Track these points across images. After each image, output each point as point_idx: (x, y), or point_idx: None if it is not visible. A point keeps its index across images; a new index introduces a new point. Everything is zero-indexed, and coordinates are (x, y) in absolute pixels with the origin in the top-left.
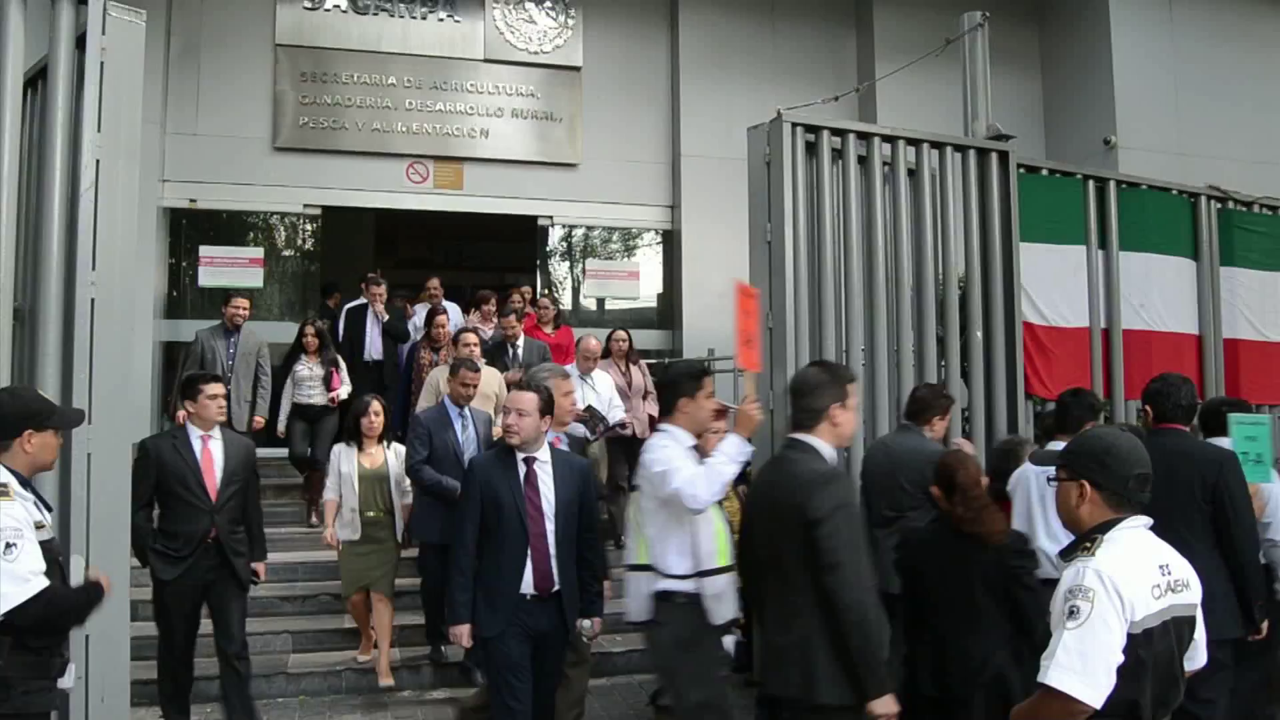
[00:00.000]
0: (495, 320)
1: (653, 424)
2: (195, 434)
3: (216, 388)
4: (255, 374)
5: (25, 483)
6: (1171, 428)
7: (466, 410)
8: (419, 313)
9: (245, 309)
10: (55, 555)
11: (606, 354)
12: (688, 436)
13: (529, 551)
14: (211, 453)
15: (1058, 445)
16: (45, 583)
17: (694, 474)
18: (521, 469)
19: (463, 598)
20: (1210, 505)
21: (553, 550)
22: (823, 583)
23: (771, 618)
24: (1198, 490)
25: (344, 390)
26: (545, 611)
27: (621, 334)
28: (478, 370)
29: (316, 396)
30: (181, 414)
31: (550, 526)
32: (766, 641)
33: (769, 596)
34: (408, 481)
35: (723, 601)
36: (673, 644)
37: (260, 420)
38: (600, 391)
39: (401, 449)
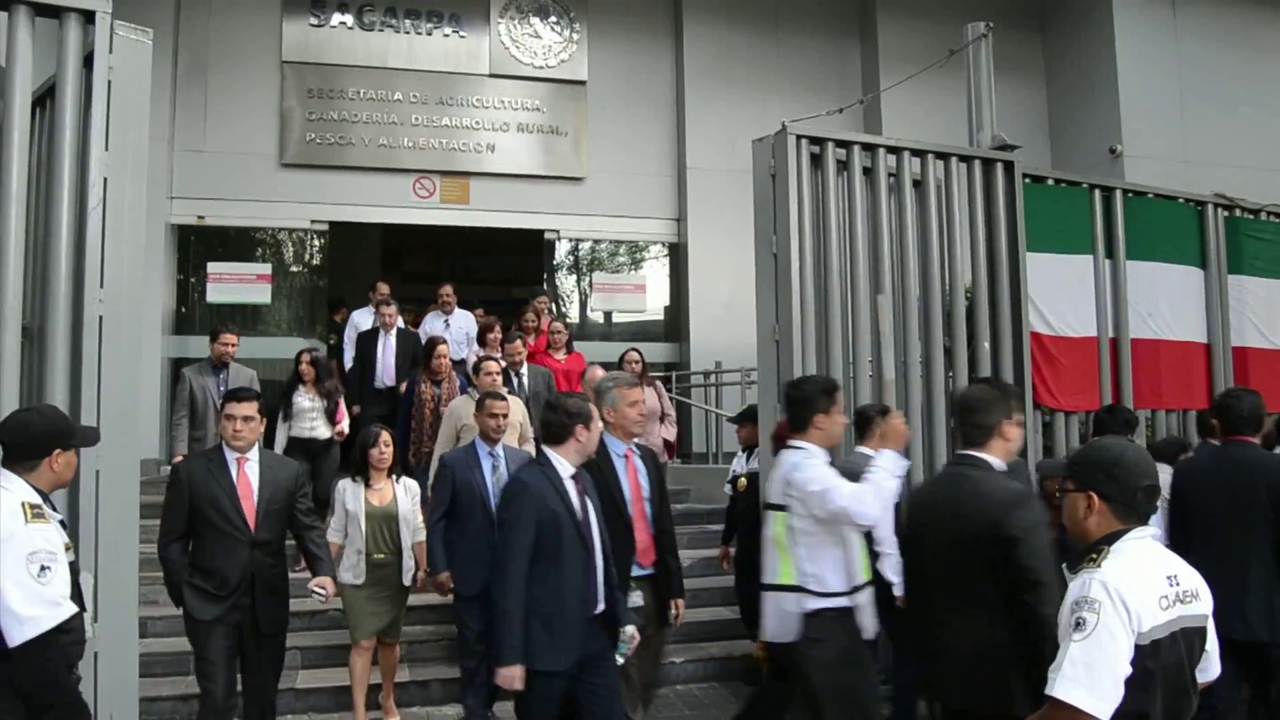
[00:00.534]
0: (503, 350)
1: (670, 450)
2: (231, 456)
3: (246, 407)
4: None
5: (48, 502)
6: (1240, 439)
7: (499, 449)
8: (429, 321)
9: (234, 344)
10: (76, 577)
11: None
12: (824, 453)
13: (591, 570)
14: (248, 476)
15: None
16: (73, 609)
17: (858, 491)
18: (570, 486)
19: (516, 632)
20: (1275, 514)
21: (602, 564)
22: (1023, 600)
23: (949, 632)
24: (1265, 500)
25: (346, 423)
26: (593, 631)
27: (634, 354)
28: (504, 399)
29: (319, 429)
30: (178, 457)
31: (595, 537)
32: (939, 654)
33: (945, 610)
34: (419, 518)
35: (869, 615)
36: (836, 660)
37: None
38: None
39: (413, 484)
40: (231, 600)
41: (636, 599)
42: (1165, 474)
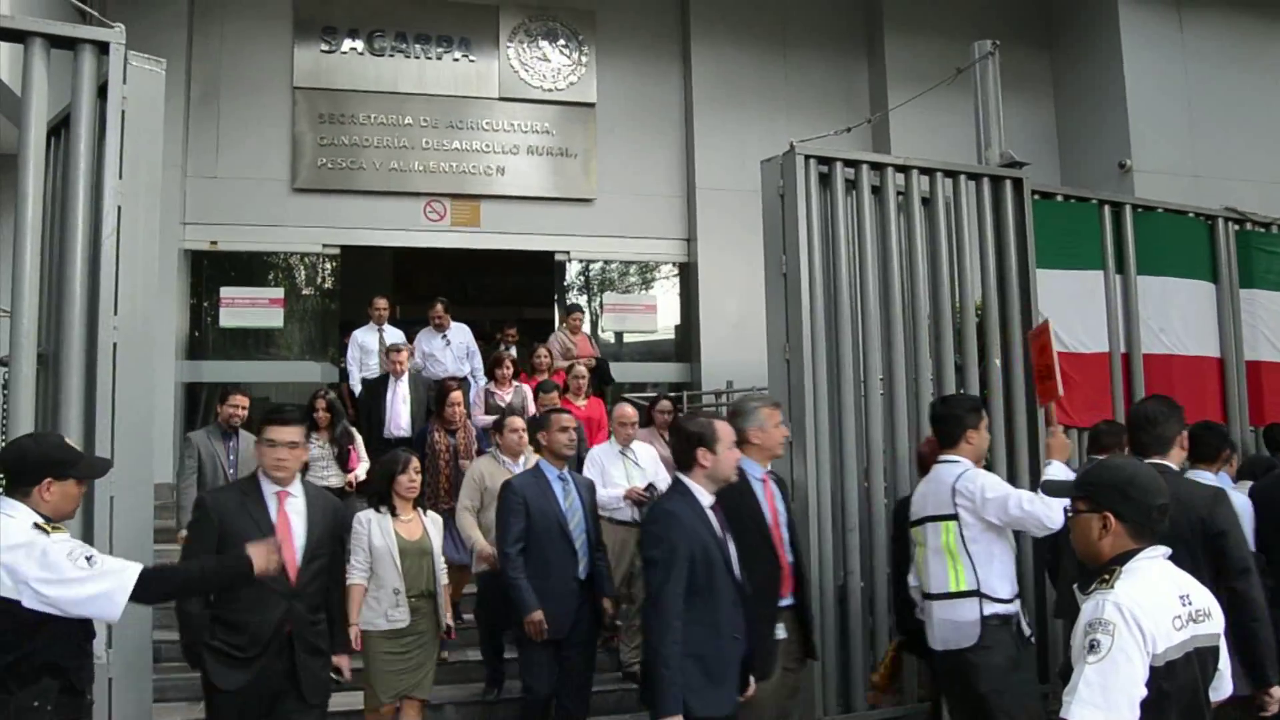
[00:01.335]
0: (513, 385)
1: None
2: (270, 489)
3: (291, 431)
4: None
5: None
6: None
7: (567, 470)
8: (424, 339)
9: (244, 407)
10: None
11: (647, 421)
12: (972, 466)
13: (740, 605)
14: (289, 515)
15: (1201, 475)
16: (140, 565)
17: (1037, 496)
18: (712, 516)
19: (680, 681)
20: None
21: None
22: (1233, 586)
23: None
24: None
25: (362, 469)
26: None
27: (666, 404)
28: (569, 413)
29: (331, 478)
30: (182, 533)
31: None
32: None
33: None
34: (441, 560)
35: (1024, 621)
36: (1006, 665)
37: None
38: (644, 466)
39: (437, 517)
40: (261, 663)
41: (780, 632)
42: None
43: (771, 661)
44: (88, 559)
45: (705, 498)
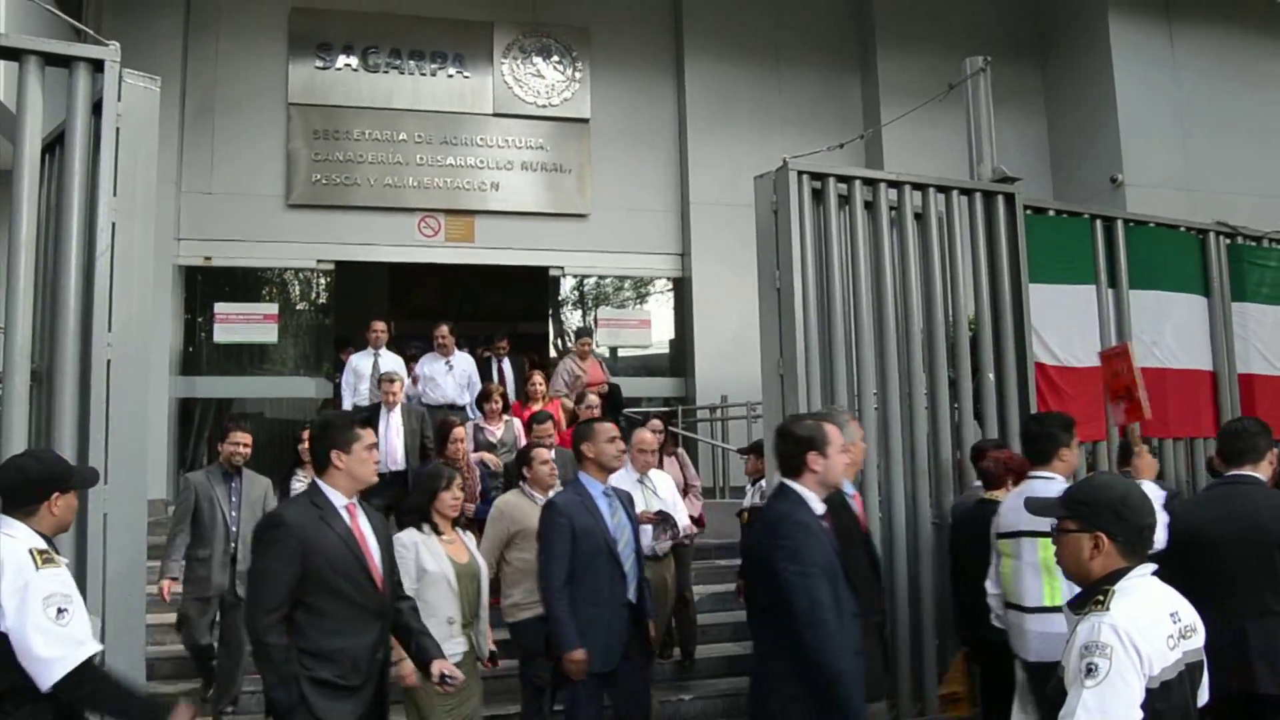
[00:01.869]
0: (504, 420)
1: (699, 525)
2: (340, 500)
3: (371, 435)
4: None
5: (52, 546)
6: None
7: (610, 488)
8: (428, 364)
9: (246, 445)
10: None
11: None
12: (1065, 482)
13: (857, 620)
14: (362, 529)
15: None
16: (98, 646)
17: None
18: (825, 525)
19: (857, 693)
20: None
21: None
22: None
23: (1257, 627)
24: None
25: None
26: None
27: (657, 422)
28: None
29: None
30: (168, 582)
31: None
32: (1244, 646)
33: (1251, 606)
34: (486, 581)
35: None
36: None
37: None
38: (663, 496)
39: (469, 536)
40: (365, 692)
41: None
42: None
43: (883, 682)
44: (59, 611)
45: (818, 505)
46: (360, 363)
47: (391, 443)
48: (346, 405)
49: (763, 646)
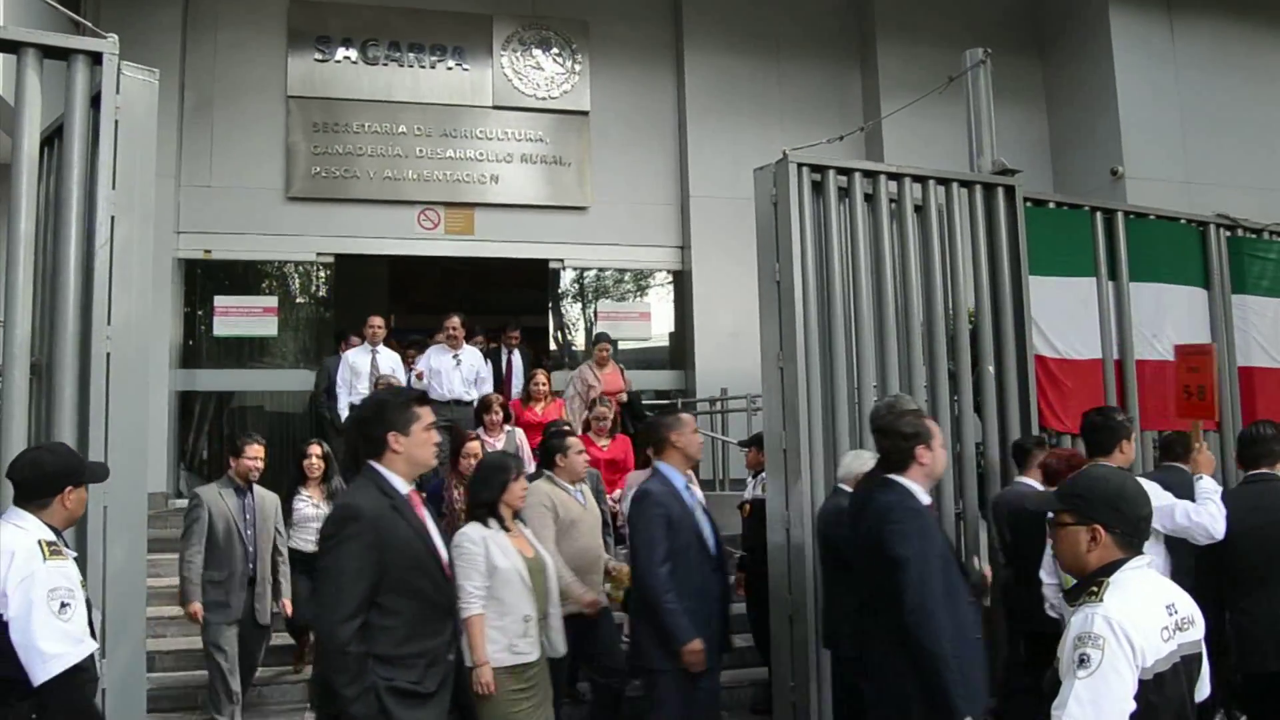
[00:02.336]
0: (505, 430)
1: None
2: (404, 487)
3: (430, 413)
4: (274, 543)
5: (61, 539)
6: None
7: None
8: (435, 356)
9: (262, 459)
10: (90, 613)
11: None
12: None
13: (972, 606)
14: (426, 518)
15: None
16: (94, 645)
17: (1199, 508)
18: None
19: (960, 680)
20: None
21: None
22: None
23: None
24: None
25: None
26: None
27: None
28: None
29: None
30: (194, 606)
31: None
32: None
33: None
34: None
35: None
36: None
37: (288, 604)
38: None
39: (530, 530)
40: (442, 698)
41: None
42: None
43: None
44: (62, 605)
45: (924, 497)
46: (358, 360)
47: None
48: (342, 405)
49: (866, 638)
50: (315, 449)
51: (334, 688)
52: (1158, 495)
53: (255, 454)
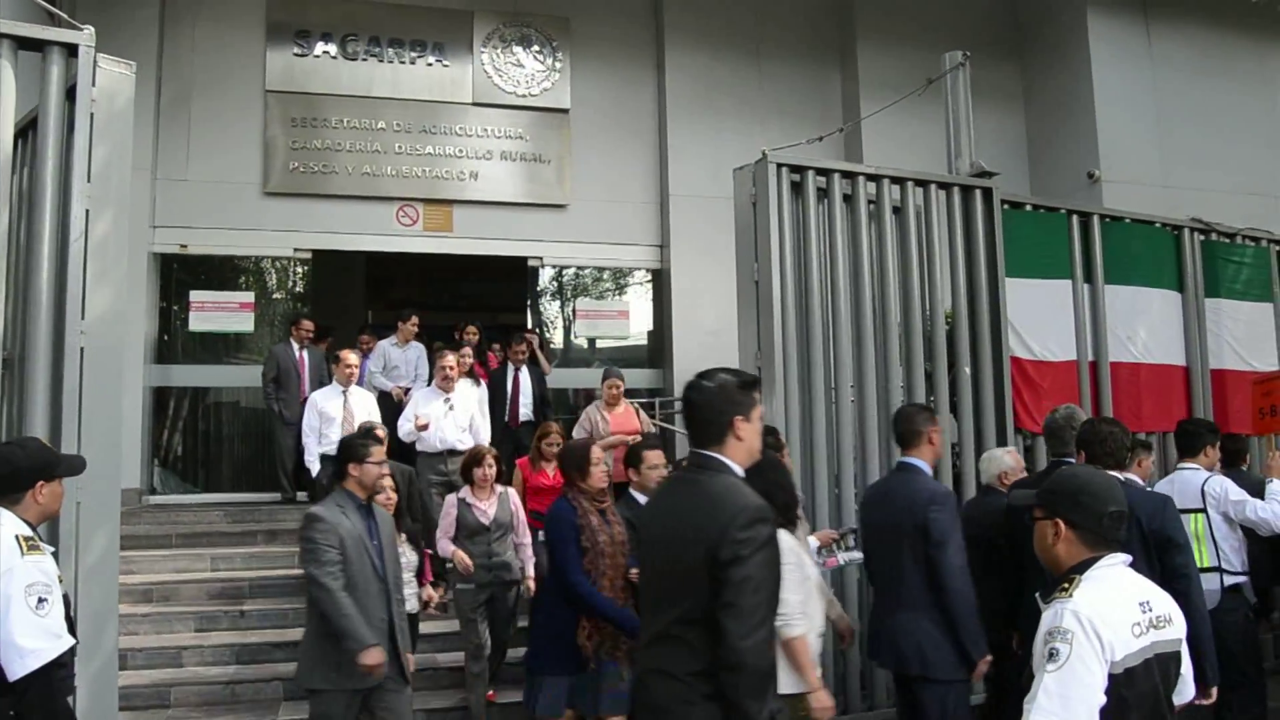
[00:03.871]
0: (496, 491)
1: None
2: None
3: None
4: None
5: (37, 534)
6: None
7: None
8: (419, 402)
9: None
10: (69, 609)
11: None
12: (1206, 473)
13: None
14: None
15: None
16: (71, 640)
17: (1266, 505)
18: None
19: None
20: None
21: None
22: None
23: None
24: None
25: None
26: None
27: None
28: None
29: (410, 599)
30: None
31: None
32: None
33: None
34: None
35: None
36: (1244, 622)
37: None
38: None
39: None
40: None
41: None
42: None
43: None
44: (40, 600)
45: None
46: (326, 404)
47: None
48: (310, 455)
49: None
50: (390, 481)
51: (745, 709)
52: (1235, 491)
53: (386, 471)
